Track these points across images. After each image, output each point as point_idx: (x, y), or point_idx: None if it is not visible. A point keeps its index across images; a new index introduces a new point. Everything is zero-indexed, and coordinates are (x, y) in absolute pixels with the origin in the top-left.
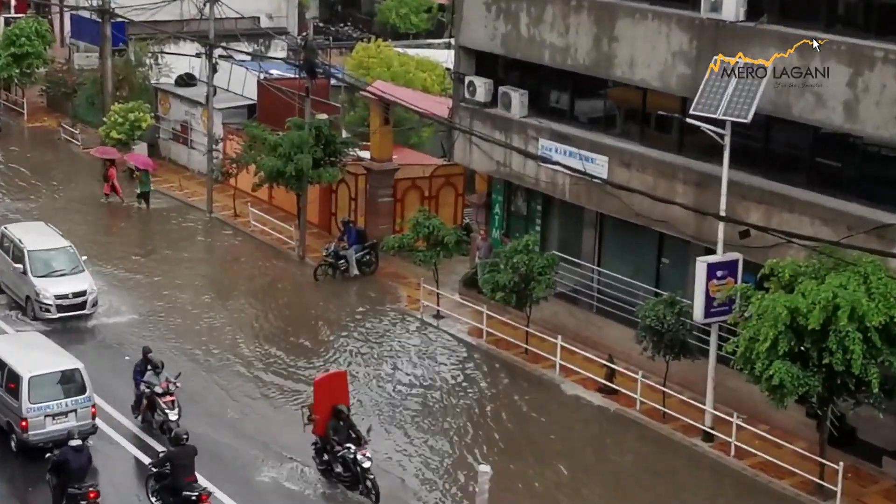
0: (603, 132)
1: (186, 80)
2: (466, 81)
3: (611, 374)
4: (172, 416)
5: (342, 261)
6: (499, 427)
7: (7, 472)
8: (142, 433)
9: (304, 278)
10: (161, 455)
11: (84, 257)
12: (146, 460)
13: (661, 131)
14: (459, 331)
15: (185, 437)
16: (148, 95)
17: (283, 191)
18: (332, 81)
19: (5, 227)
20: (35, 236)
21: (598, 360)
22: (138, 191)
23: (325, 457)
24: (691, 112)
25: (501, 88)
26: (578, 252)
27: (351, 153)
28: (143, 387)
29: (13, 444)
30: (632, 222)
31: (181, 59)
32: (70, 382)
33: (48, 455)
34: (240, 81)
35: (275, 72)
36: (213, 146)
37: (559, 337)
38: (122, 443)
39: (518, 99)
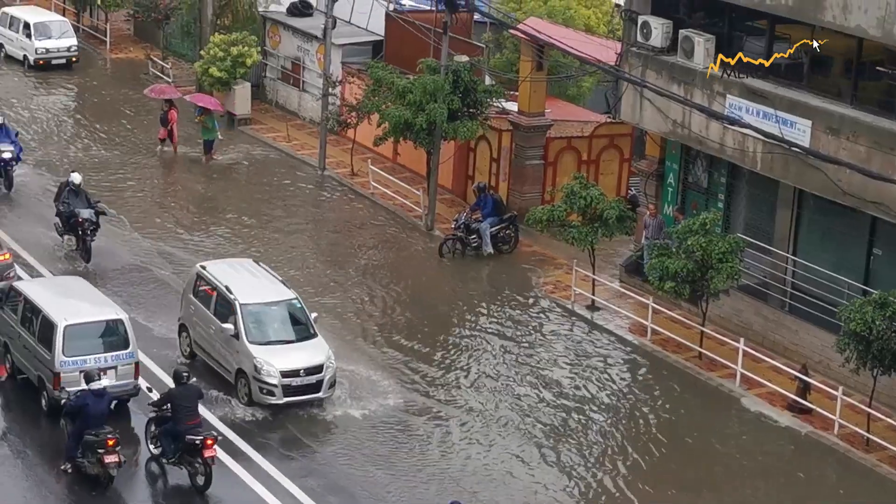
0: (806, 90)
1: (301, 8)
2: (640, 21)
3: (804, 389)
4: None
5: (474, 236)
6: (663, 450)
7: (36, 436)
8: None
9: (430, 254)
10: (160, 395)
11: (314, 314)
12: None
13: (878, 91)
14: (618, 326)
15: (185, 374)
16: (255, 26)
17: (411, 147)
18: (476, 16)
19: (202, 267)
20: (247, 282)
21: (789, 370)
22: (202, 139)
23: None
24: None
25: (682, 32)
26: (770, 236)
27: (495, 104)
28: None
29: (44, 402)
30: (838, 202)
31: None
32: (112, 335)
33: (64, 401)
34: (365, 13)
35: (407, 2)
36: (330, 90)
37: (741, 340)
38: None
39: (703, 45)
